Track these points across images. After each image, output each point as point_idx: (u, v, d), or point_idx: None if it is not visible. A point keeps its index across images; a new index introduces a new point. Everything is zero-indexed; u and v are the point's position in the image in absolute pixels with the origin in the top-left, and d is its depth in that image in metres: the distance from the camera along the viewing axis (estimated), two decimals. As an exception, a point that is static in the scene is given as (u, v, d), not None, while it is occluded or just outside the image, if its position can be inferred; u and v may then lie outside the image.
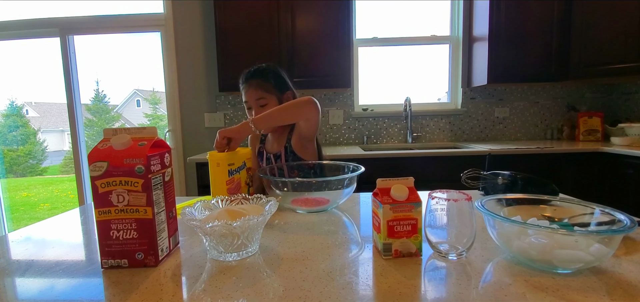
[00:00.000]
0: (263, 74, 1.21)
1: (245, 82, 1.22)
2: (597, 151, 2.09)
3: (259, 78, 1.20)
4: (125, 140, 0.57)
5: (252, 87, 1.20)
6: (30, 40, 2.84)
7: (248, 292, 0.49)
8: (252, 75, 1.21)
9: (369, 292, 0.48)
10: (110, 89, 7.85)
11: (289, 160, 1.23)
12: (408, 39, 2.80)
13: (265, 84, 1.20)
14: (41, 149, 7.81)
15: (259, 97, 1.19)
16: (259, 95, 1.19)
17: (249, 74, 1.22)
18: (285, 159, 1.24)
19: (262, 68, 1.23)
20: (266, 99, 1.19)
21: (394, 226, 0.57)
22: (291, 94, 1.25)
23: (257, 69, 1.23)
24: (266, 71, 1.22)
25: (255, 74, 1.21)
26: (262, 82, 1.20)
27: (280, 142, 1.27)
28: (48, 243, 0.73)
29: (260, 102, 1.19)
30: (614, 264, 0.54)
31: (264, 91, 1.19)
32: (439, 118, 2.76)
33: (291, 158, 1.23)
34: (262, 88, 1.19)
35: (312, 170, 1.14)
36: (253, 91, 1.19)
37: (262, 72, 1.21)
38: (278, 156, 1.25)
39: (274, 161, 1.26)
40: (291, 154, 1.23)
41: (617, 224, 0.53)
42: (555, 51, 2.35)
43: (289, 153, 1.23)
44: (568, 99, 2.71)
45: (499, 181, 0.90)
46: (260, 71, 1.22)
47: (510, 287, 0.48)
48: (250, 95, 1.20)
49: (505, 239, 0.56)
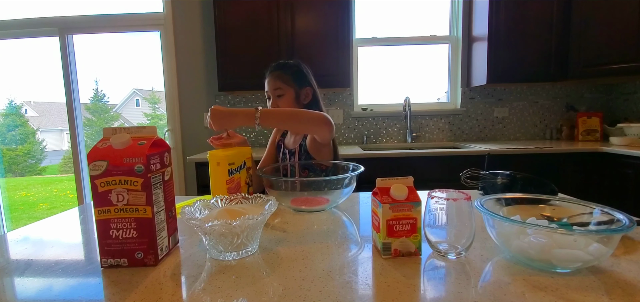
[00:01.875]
0: (283, 67, 1.26)
1: (268, 73, 1.27)
2: (596, 151, 2.09)
3: (279, 70, 1.25)
4: (125, 139, 0.57)
5: (272, 77, 1.24)
6: (29, 40, 2.84)
7: (248, 291, 0.49)
8: (274, 67, 1.26)
9: (368, 292, 0.48)
10: (110, 89, 7.83)
11: (302, 159, 1.25)
12: (407, 39, 2.80)
13: (284, 76, 1.24)
14: (40, 149, 7.80)
15: (276, 87, 1.23)
16: (277, 85, 1.23)
17: (272, 67, 1.27)
18: (298, 157, 1.26)
19: (284, 62, 1.28)
20: (283, 90, 1.23)
21: (394, 226, 0.57)
22: (310, 90, 1.28)
23: (280, 62, 1.28)
24: (287, 65, 1.27)
25: (277, 66, 1.26)
26: (281, 74, 1.24)
27: (297, 139, 1.30)
28: (47, 243, 0.73)
29: (277, 92, 1.23)
30: (612, 263, 0.54)
31: (281, 82, 1.23)
32: (439, 118, 2.76)
33: (304, 157, 1.24)
34: (280, 79, 1.23)
35: (323, 171, 1.16)
36: (272, 81, 1.24)
37: (283, 65, 1.26)
38: (293, 152, 1.28)
39: (288, 156, 1.29)
40: (304, 153, 1.24)
41: (616, 223, 0.53)
42: (555, 51, 2.35)
43: (303, 152, 1.25)
44: (567, 99, 2.72)
45: (498, 180, 0.90)
46: (282, 64, 1.27)
47: (509, 287, 0.48)
48: (269, 85, 1.25)
49: (505, 239, 0.56)
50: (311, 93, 1.28)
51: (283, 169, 1.23)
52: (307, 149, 1.22)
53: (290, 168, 1.23)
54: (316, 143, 1.19)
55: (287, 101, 1.23)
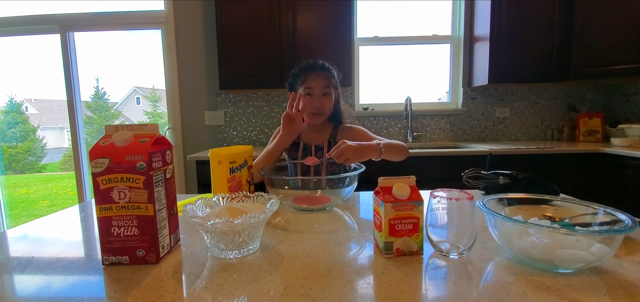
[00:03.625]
0: (330, 69, 1.30)
1: (314, 70, 1.28)
2: (598, 151, 2.09)
3: (328, 72, 1.29)
4: (127, 137, 0.57)
5: (320, 76, 1.26)
6: (30, 37, 2.83)
7: (249, 289, 0.49)
8: (321, 66, 1.29)
9: (370, 291, 0.48)
10: (110, 87, 7.83)
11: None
12: (409, 38, 2.79)
13: (334, 80, 1.29)
14: (40, 146, 7.80)
15: (326, 86, 1.26)
16: (327, 84, 1.27)
17: (319, 65, 1.29)
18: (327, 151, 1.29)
19: (330, 64, 1.31)
20: (330, 90, 1.28)
21: (396, 225, 0.57)
22: (339, 93, 1.35)
23: (324, 62, 1.31)
24: (332, 68, 1.31)
25: (324, 66, 1.29)
26: (332, 76, 1.29)
27: (324, 135, 1.33)
28: (48, 240, 0.73)
29: (324, 90, 1.26)
30: (615, 264, 0.54)
31: (330, 83, 1.28)
32: (440, 118, 2.76)
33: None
34: (330, 80, 1.28)
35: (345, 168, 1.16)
36: (322, 81, 1.26)
37: (329, 68, 1.30)
38: (320, 147, 1.30)
39: (314, 150, 1.30)
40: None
41: (618, 224, 0.53)
42: (556, 52, 2.35)
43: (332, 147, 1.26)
44: (568, 99, 2.71)
45: (500, 180, 0.90)
46: (328, 66, 1.30)
47: (511, 287, 0.48)
48: (317, 83, 1.26)
49: (507, 239, 0.56)
50: (339, 95, 1.35)
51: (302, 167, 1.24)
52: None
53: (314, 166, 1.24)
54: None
55: (331, 102, 1.29)
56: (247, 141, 2.75)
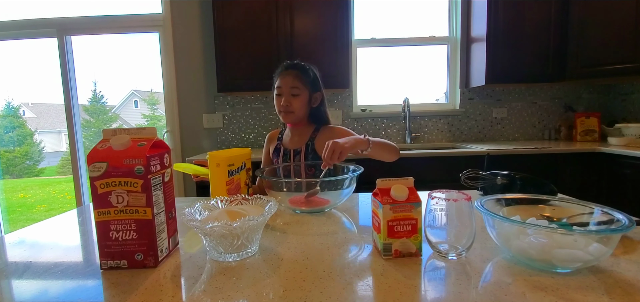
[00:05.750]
0: (303, 69, 1.28)
1: (285, 69, 1.28)
2: (595, 151, 2.10)
3: (299, 70, 1.27)
4: (125, 140, 0.57)
5: (290, 75, 1.26)
6: (28, 41, 2.83)
7: (248, 292, 0.49)
8: (293, 66, 1.28)
9: (369, 292, 0.48)
10: (108, 90, 7.82)
11: (309, 158, 1.27)
12: (406, 40, 2.80)
13: (303, 78, 1.26)
14: (38, 150, 7.77)
15: (293, 86, 1.25)
16: (294, 84, 1.25)
17: (291, 64, 1.29)
18: (304, 155, 1.28)
19: (302, 63, 1.30)
20: (299, 90, 1.26)
21: (394, 226, 0.57)
22: (320, 95, 1.32)
23: (298, 62, 1.30)
24: (306, 67, 1.30)
25: (296, 65, 1.28)
26: (301, 75, 1.26)
27: (303, 138, 1.31)
28: (46, 245, 0.72)
29: (293, 90, 1.25)
30: (612, 263, 0.54)
31: (299, 82, 1.26)
32: (438, 118, 2.76)
33: (311, 156, 1.27)
34: (298, 79, 1.26)
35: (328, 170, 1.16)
36: (290, 79, 1.25)
37: (303, 67, 1.29)
38: (298, 151, 1.29)
39: (292, 156, 1.30)
40: (312, 152, 1.28)
41: (615, 223, 0.53)
42: (553, 52, 2.36)
43: (310, 150, 1.28)
44: (565, 99, 2.73)
45: (498, 181, 0.90)
46: (302, 66, 1.29)
47: (510, 287, 0.48)
48: (286, 82, 1.26)
49: (505, 239, 0.56)
50: (320, 98, 1.32)
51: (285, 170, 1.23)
52: (315, 148, 1.28)
53: (294, 168, 1.23)
54: None
55: (301, 101, 1.26)
56: (245, 143, 2.75)
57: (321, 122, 1.34)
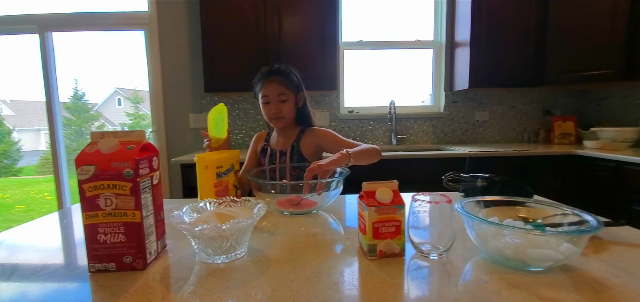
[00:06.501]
0: (285, 73, 1.28)
1: (267, 77, 1.27)
2: (571, 153, 2.19)
3: (282, 76, 1.27)
4: (113, 143, 0.57)
5: (274, 82, 1.26)
6: (8, 37, 2.74)
7: (237, 293, 0.50)
8: (275, 72, 1.28)
9: (354, 292, 0.50)
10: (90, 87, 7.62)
11: (294, 159, 1.28)
12: (393, 43, 2.85)
13: (287, 83, 1.27)
14: (16, 149, 7.50)
15: (280, 93, 1.25)
16: (281, 90, 1.26)
17: (272, 71, 1.28)
18: (290, 156, 1.29)
19: (284, 67, 1.30)
20: (286, 95, 1.26)
21: (379, 228, 0.59)
22: (303, 95, 1.33)
23: (280, 67, 1.30)
24: (289, 72, 1.30)
25: (278, 71, 1.28)
26: (285, 80, 1.27)
27: (289, 139, 1.32)
28: (31, 247, 0.71)
29: (281, 97, 1.26)
30: (582, 262, 0.58)
31: (285, 88, 1.26)
32: (423, 121, 2.82)
33: (296, 157, 1.29)
34: (284, 85, 1.26)
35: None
36: (276, 86, 1.25)
37: (286, 72, 1.29)
38: (283, 152, 1.31)
39: (278, 156, 1.31)
40: (297, 153, 1.29)
41: (585, 224, 0.57)
42: (532, 58, 2.44)
43: (295, 152, 1.29)
44: (544, 103, 2.82)
45: (478, 183, 0.93)
46: (283, 70, 1.29)
47: (487, 285, 0.51)
48: (272, 90, 1.26)
49: (483, 239, 0.59)
50: (304, 98, 1.34)
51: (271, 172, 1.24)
52: (300, 149, 1.29)
53: (279, 170, 1.25)
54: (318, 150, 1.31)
55: (289, 106, 1.27)
56: (233, 144, 2.74)
57: (306, 124, 1.36)
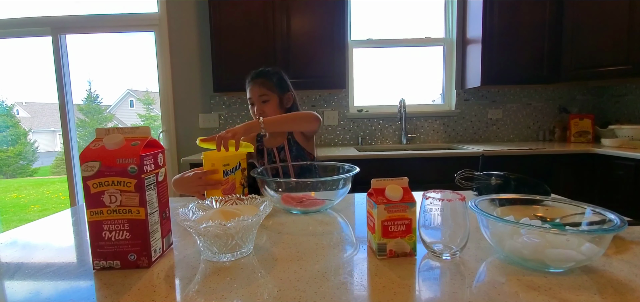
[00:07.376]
0: (266, 74, 1.32)
1: (251, 80, 1.32)
2: (588, 152, 2.12)
3: (263, 77, 1.31)
4: (118, 140, 0.56)
5: (256, 84, 1.30)
6: (22, 40, 2.80)
7: (242, 293, 0.48)
8: (257, 74, 1.32)
9: (363, 292, 0.48)
10: (103, 89, 7.80)
11: (294, 150, 1.30)
12: (402, 41, 2.81)
13: (268, 83, 1.30)
14: (32, 150, 7.70)
15: (261, 94, 1.29)
16: (262, 92, 1.29)
17: (255, 74, 1.33)
18: (289, 150, 1.31)
19: (266, 69, 1.34)
20: (268, 96, 1.29)
21: (389, 226, 0.57)
22: (291, 95, 1.35)
23: (262, 69, 1.34)
24: (270, 72, 1.33)
25: (260, 73, 1.32)
26: (266, 81, 1.30)
27: (282, 134, 1.34)
28: (38, 245, 0.72)
29: (262, 98, 1.29)
30: (604, 263, 0.55)
31: (266, 89, 1.29)
32: (433, 119, 2.77)
33: (295, 148, 1.31)
34: (265, 86, 1.29)
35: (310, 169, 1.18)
36: (257, 88, 1.29)
37: (266, 73, 1.32)
38: (281, 147, 1.32)
39: (277, 153, 1.32)
40: (295, 144, 1.31)
41: (607, 223, 0.53)
42: (547, 54, 2.38)
43: (293, 143, 1.31)
44: (559, 101, 2.75)
45: (492, 181, 0.90)
46: (265, 71, 1.33)
47: (503, 287, 0.48)
48: (254, 92, 1.30)
49: (498, 239, 0.56)
50: (292, 98, 1.35)
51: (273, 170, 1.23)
52: (296, 139, 1.31)
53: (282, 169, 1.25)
54: (303, 136, 1.32)
55: (272, 106, 1.29)
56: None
57: None
